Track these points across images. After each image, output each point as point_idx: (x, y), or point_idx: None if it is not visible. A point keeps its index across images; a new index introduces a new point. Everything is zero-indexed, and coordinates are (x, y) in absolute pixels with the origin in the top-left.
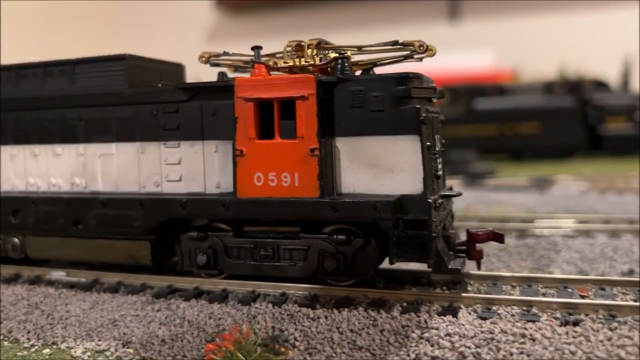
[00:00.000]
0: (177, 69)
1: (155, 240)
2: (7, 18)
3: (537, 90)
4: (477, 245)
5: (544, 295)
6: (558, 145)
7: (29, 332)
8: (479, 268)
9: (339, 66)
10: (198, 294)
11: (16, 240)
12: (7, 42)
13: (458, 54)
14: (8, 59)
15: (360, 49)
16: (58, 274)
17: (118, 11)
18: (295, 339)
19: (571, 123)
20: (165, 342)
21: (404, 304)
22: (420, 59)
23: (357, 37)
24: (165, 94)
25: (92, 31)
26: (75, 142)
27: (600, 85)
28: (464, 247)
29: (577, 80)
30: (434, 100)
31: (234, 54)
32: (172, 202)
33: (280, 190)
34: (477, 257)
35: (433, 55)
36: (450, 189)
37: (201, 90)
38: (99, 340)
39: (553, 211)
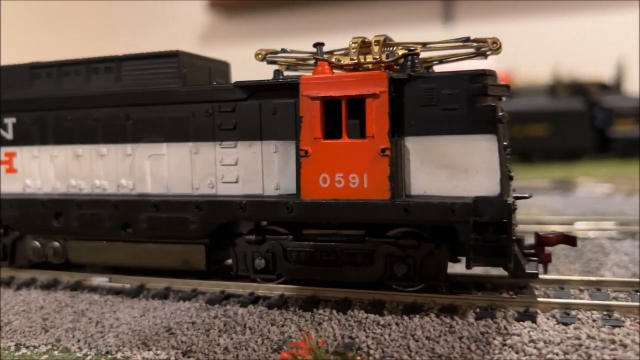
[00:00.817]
0: (223, 67)
1: (210, 244)
2: (7, 18)
3: (541, 92)
4: (547, 248)
5: (615, 299)
6: (566, 148)
7: (78, 340)
8: (545, 272)
9: (409, 63)
10: (254, 299)
11: (57, 244)
12: (7, 42)
13: None
14: (8, 59)
15: (425, 45)
16: (100, 280)
17: (110, 11)
18: (368, 347)
19: (579, 125)
20: (228, 350)
21: (477, 310)
22: (486, 56)
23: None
24: (221, 92)
25: (83, 31)
26: (122, 142)
27: (605, 87)
28: (532, 251)
29: (582, 83)
30: (504, 99)
31: (292, 51)
32: (231, 205)
33: (348, 192)
34: (546, 260)
35: (499, 53)
36: (514, 190)
37: (260, 88)
38: (157, 350)
39: (581, 213)
